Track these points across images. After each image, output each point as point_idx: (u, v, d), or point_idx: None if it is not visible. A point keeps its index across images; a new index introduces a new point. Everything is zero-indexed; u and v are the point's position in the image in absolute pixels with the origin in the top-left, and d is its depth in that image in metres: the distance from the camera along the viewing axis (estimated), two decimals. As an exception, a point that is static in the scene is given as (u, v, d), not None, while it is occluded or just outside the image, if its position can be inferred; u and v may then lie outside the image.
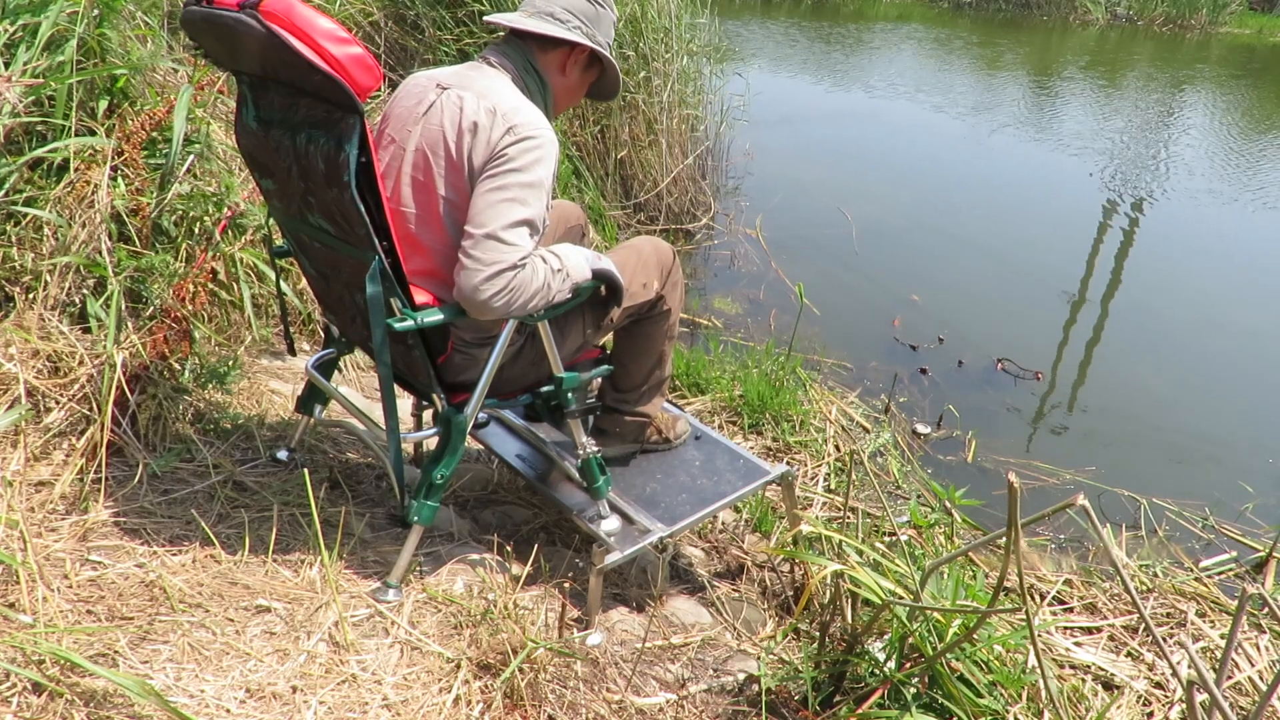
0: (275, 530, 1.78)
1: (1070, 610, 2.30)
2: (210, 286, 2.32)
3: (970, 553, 2.40)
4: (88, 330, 2.04)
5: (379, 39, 4.59)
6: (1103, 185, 6.29)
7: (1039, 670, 1.42)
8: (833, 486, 2.76)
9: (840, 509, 2.59)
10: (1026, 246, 5.19)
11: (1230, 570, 2.59)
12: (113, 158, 2.18)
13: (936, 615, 1.56)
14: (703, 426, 2.30)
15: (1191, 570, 2.56)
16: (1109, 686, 2.00)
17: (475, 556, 1.88)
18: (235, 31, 1.42)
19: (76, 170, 2.14)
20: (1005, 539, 1.18)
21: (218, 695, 1.37)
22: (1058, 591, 2.36)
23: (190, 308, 2.13)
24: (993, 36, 12.72)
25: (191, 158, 2.39)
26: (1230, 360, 4.04)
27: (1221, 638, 2.22)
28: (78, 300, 2.08)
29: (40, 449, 1.79)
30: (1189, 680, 1.18)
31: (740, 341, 3.73)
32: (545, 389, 1.87)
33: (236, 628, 1.52)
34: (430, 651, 1.56)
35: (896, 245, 5.06)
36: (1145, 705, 1.95)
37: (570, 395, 1.85)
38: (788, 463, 2.80)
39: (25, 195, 2.08)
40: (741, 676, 1.81)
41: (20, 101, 2.04)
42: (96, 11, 2.31)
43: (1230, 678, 2.06)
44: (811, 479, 2.79)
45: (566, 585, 1.91)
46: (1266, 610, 2.29)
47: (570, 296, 1.71)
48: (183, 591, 1.57)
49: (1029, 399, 3.55)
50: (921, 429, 3.24)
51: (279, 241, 1.97)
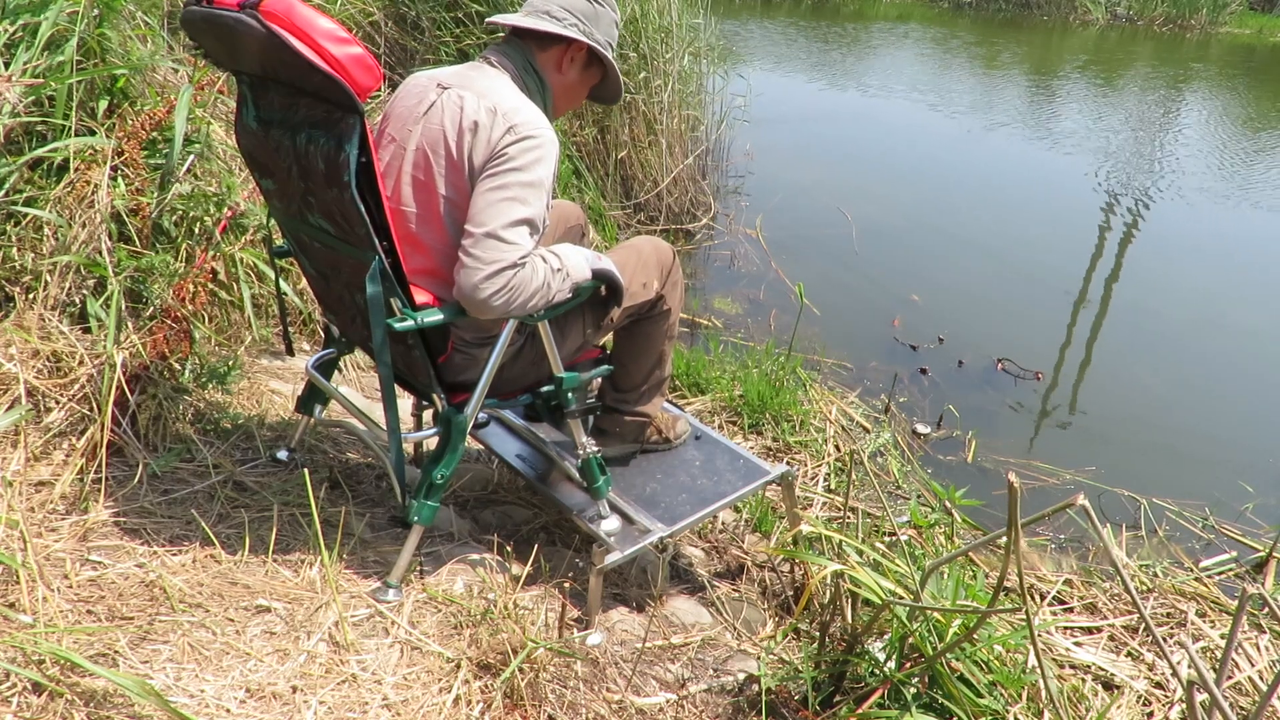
0: (275, 530, 1.78)
1: (1070, 610, 2.30)
2: (210, 286, 2.32)
3: (970, 553, 2.40)
4: (88, 330, 2.04)
5: (379, 39, 4.59)
6: (1103, 185, 6.29)
7: (1039, 670, 1.42)
8: (833, 486, 2.76)
9: (840, 509, 2.59)
10: (1026, 246, 5.19)
11: (1230, 570, 2.59)
12: (113, 158, 2.18)
13: (936, 615, 1.56)
14: (703, 426, 2.30)
15: (1191, 570, 2.56)
16: (1109, 686, 2.00)
17: (475, 556, 1.88)
18: (235, 31, 1.42)
19: (76, 170, 2.14)
20: (1005, 539, 1.18)
21: (218, 695, 1.37)
22: (1058, 591, 2.36)
23: (190, 308, 2.13)
24: (993, 36, 12.73)
25: (191, 158, 2.39)
26: (1230, 360, 4.04)
27: (1221, 638, 2.22)
28: (78, 300, 2.07)
29: (40, 449, 1.79)
30: (1189, 680, 1.18)
31: (740, 341, 3.73)
32: (545, 389, 1.87)
33: (236, 628, 1.52)
34: (430, 651, 1.56)
35: (896, 245, 5.06)
36: (1145, 705, 1.95)
37: (570, 395, 1.85)
38: (788, 463, 2.80)
39: (25, 195, 2.08)
40: (741, 676, 1.81)
41: (20, 101, 2.04)
42: (96, 11, 2.31)
43: (1230, 678, 2.06)
44: (811, 479, 2.79)
45: (566, 585, 1.91)
46: (1266, 610, 2.29)
47: (570, 296, 1.71)
48: (183, 591, 1.57)
49: (1029, 399, 3.55)
50: (921, 429, 3.24)
51: (279, 241, 1.97)
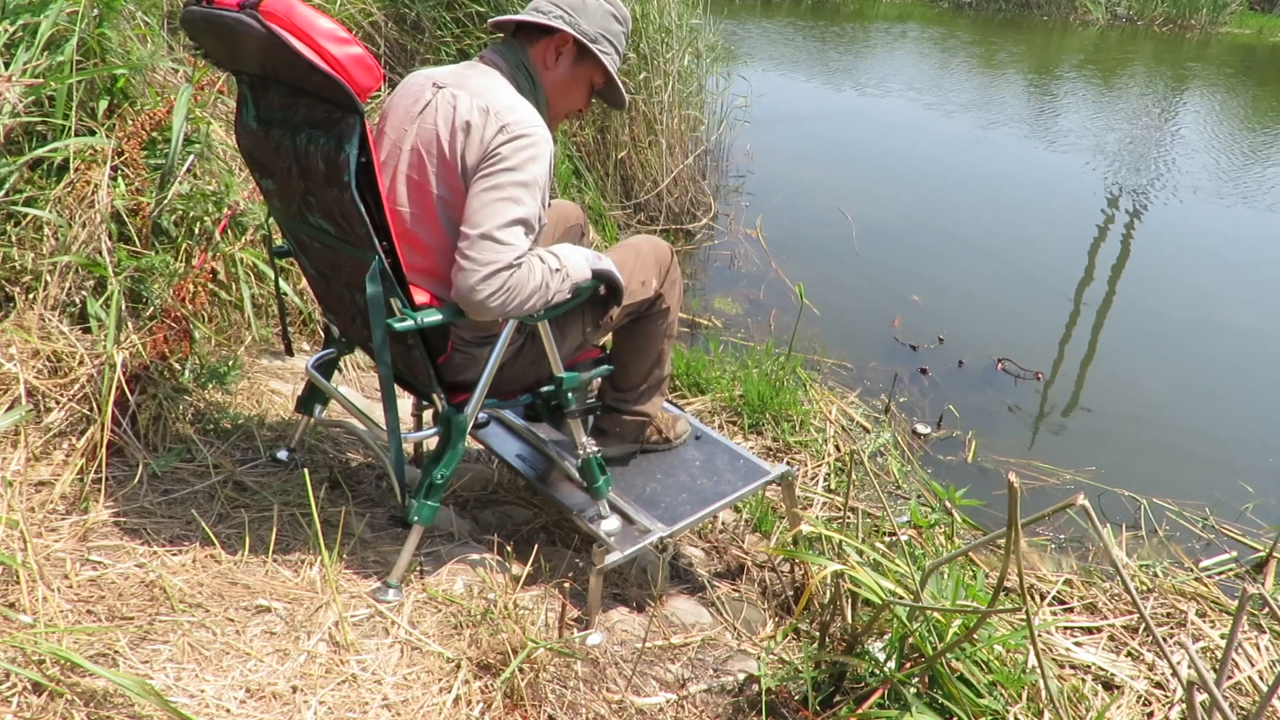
0: (275, 530, 1.78)
1: (1070, 610, 2.30)
2: (210, 286, 2.32)
3: (970, 553, 2.40)
4: (88, 330, 2.04)
5: (379, 39, 4.59)
6: (1103, 185, 6.29)
7: (1039, 670, 1.42)
8: (833, 486, 2.76)
9: (840, 509, 2.59)
10: (1026, 246, 5.19)
11: (1230, 570, 2.59)
12: (113, 158, 2.18)
13: (936, 615, 1.56)
14: (703, 426, 2.30)
15: (1191, 570, 2.56)
16: (1109, 686, 2.00)
17: (475, 556, 1.88)
18: (235, 31, 1.42)
19: (76, 170, 2.14)
20: (1005, 539, 1.18)
21: (218, 695, 1.37)
22: (1058, 591, 2.36)
23: (190, 308, 2.13)
24: (993, 36, 12.72)
25: (191, 158, 2.39)
26: (1230, 360, 4.04)
27: (1221, 638, 2.22)
28: (78, 300, 2.07)
29: (40, 449, 1.79)
30: (1189, 680, 1.18)
31: (740, 341, 3.73)
32: (545, 389, 1.87)
33: (236, 628, 1.52)
34: (430, 651, 1.56)
35: (896, 245, 5.06)
36: (1145, 705, 1.95)
37: (570, 395, 1.85)
38: (788, 463, 2.80)
39: (25, 195, 2.08)
40: (741, 676, 1.81)
41: (20, 101, 2.04)
42: (96, 11, 2.31)
43: (1230, 678, 2.06)
44: (811, 479, 2.78)
45: (566, 585, 1.91)
46: (1266, 610, 2.29)
47: (570, 296, 1.71)
48: (183, 591, 1.57)
49: (1029, 399, 3.55)
50: (921, 429, 3.24)
51: (279, 241, 1.97)
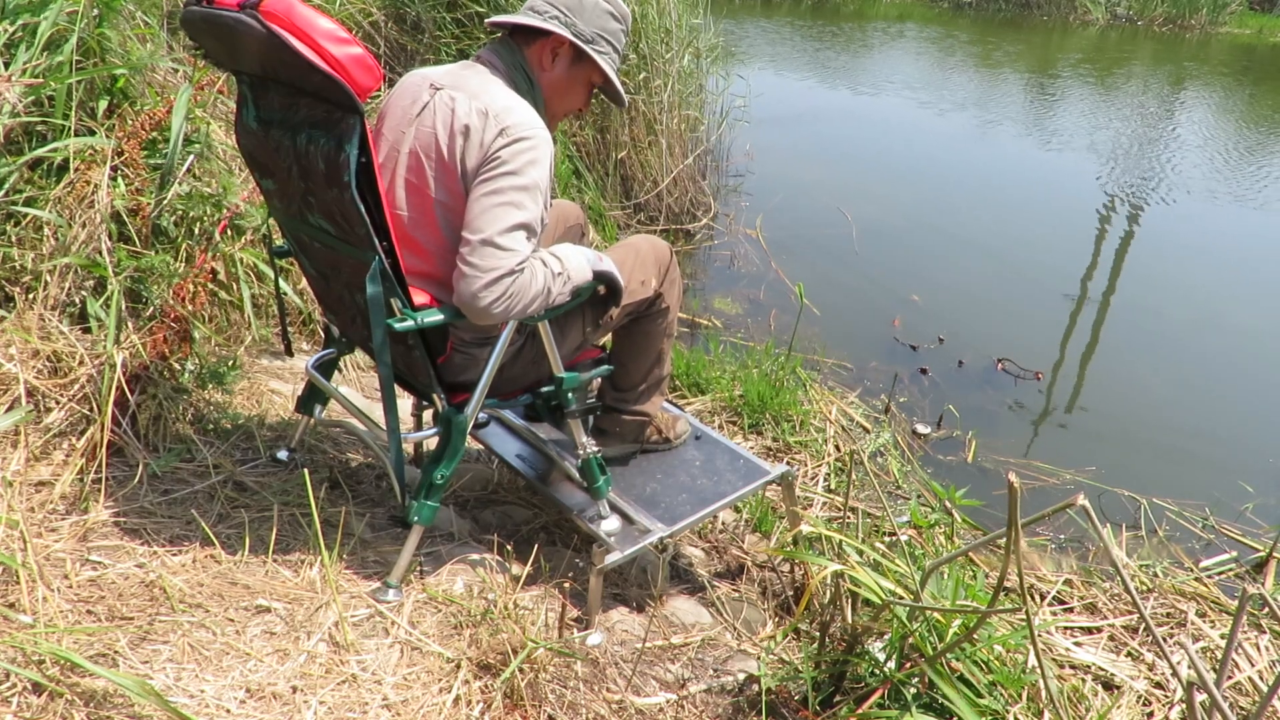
0: (275, 530, 1.78)
1: (1070, 610, 2.30)
2: (210, 286, 2.32)
3: (970, 553, 2.40)
4: (88, 330, 2.04)
5: (379, 39, 4.59)
6: (1102, 185, 6.29)
7: (1039, 670, 1.42)
8: (833, 486, 2.76)
9: (840, 509, 2.59)
10: (1026, 246, 5.19)
11: (1230, 570, 2.59)
12: (113, 158, 2.18)
13: (936, 615, 1.56)
14: (703, 426, 2.30)
15: (1191, 570, 2.56)
16: (1109, 686, 1.99)
17: (475, 556, 1.88)
18: (235, 31, 1.42)
19: (76, 170, 2.14)
20: (1005, 539, 1.18)
21: (218, 695, 1.37)
22: (1058, 591, 2.36)
23: (190, 308, 2.13)
24: (992, 36, 12.72)
25: (191, 158, 2.39)
26: (1230, 360, 4.04)
27: (1221, 638, 2.22)
28: (78, 300, 2.07)
29: (40, 449, 1.79)
30: (1189, 680, 1.18)
31: (740, 341, 3.73)
32: (545, 389, 1.87)
33: (236, 628, 1.52)
34: (430, 651, 1.56)
35: (896, 245, 5.06)
36: (1145, 705, 1.95)
37: (570, 395, 1.85)
38: (788, 463, 2.80)
39: (25, 195, 2.08)
40: (741, 676, 1.81)
41: (20, 101, 2.04)
42: (96, 11, 2.31)
43: (1230, 678, 2.06)
44: (811, 479, 2.78)
45: (566, 585, 1.90)
46: (1266, 610, 2.29)
47: (570, 298, 1.71)
48: (183, 591, 1.57)
49: (1029, 399, 3.55)
50: (921, 429, 3.24)
51: (279, 241, 1.97)
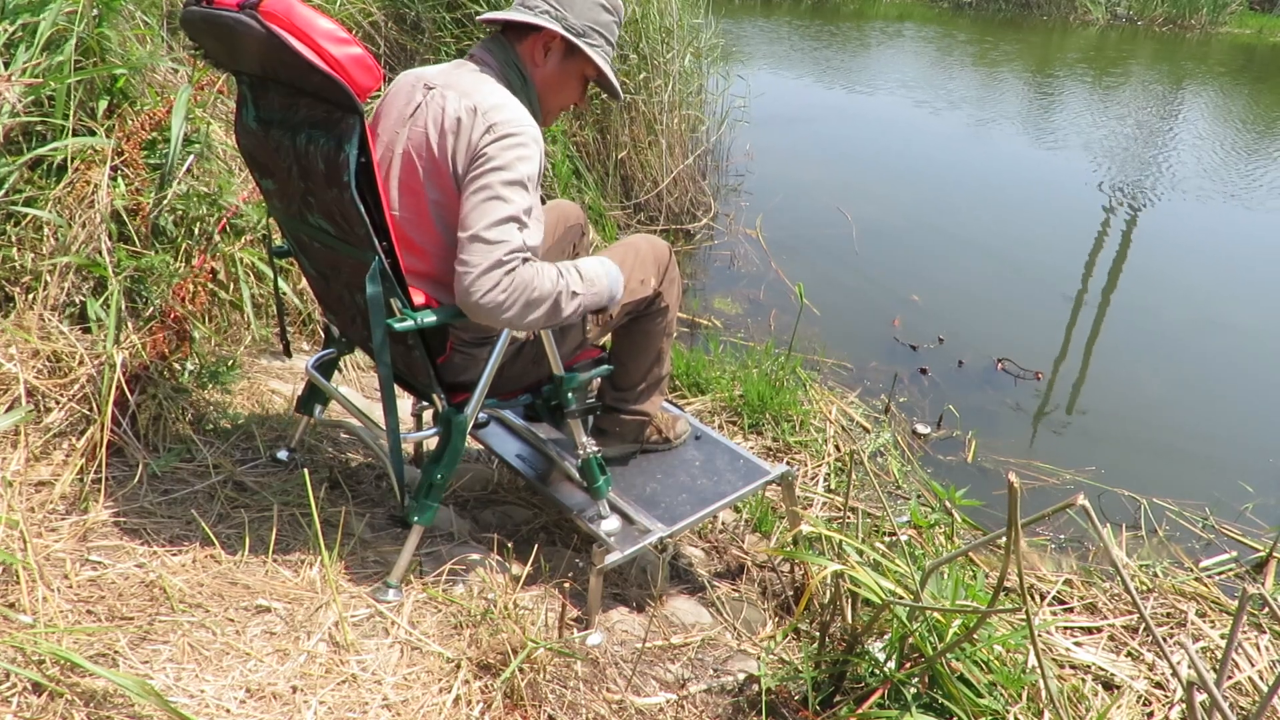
0: (275, 530, 1.78)
1: (1070, 610, 2.30)
2: (210, 286, 2.32)
3: (970, 553, 2.40)
4: (88, 330, 2.04)
5: (379, 39, 4.59)
6: (1102, 185, 6.29)
7: (1039, 670, 1.42)
8: (833, 486, 2.76)
9: (840, 509, 2.59)
10: (1026, 246, 5.19)
11: (1230, 570, 2.59)
12: (112, 158, 2.18)
13: (936, 615, 1.56)
14: (703, 426, 2.30)
15: (1191, 570, 2.56)
16: (1109, 686, 1.99)
17: (475, 556, 1.88)
18: (235, 32, 1.42)
19: (76, 170, 2.14)
20: (1005, 539, 1.18)
21: (218, 695, 1.37)
22: (1058, 591, 2.36)
23: (190, 308, 2.13)
24: (992, 36, 12.72)
25: (191, 158, 2.39)
26: (1230, 360, 4.04)
27: (1221, 638, 2.22)
28: (78, 300, 2.07)
29: (40, 449, 1.79)
30: (1189, 680, 1.18)
31: (740, 341, 3.73)
32: (545, 389, 1.87)
33: (236, 628, 1.52)
34: (430, 651, 1.56)
35: (896, 245, 5.06)
36: (1145, 705, 1.95)
37: (570, 395, 1.85)
38: (788, 463, 2.79)
39: (25, 195, 2.08)
40: (741, 676, 1.81)
41: (20, 101, 2.04)
42: (96, 11, 2.31)
43: (1230, 678, 2.06)
44: (811, 479, 2.78)
45: (566, 585, 1.91)
46: (1266, 610, 2.29)
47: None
48: (183, 591, 1.57)
49: (1029, 399, 3.55)
50: (921, 429, 3.24)
51: (278, 241, 1.97)
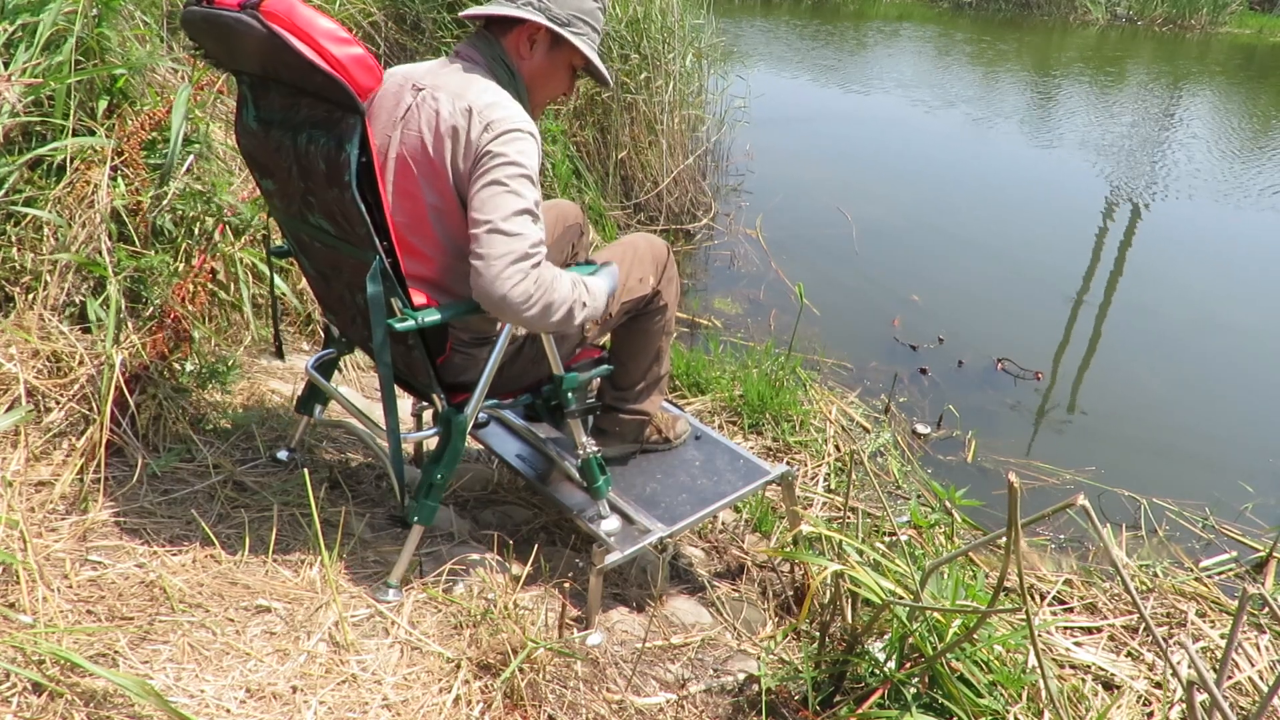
0: (275, 530, 1.78)
1: (1070, 610, 2.30)
2: (210, 287, 2.32)
3: (970, 553, 2.40)
4: (88, 330, 2.04)
5: (379, 39, 4.59)
6: (1103, 185, 6.29)
7: (1039, 670, 1.42)
8: (833, 486, 2.76)
9: (840, 509, 2.59)
10: (1026, 246, 5.19)
11: (1230, 570, 2.59)
12: (112, 158, 2.18)
13: (936, 615, 1.56)
14: (703, 426, 2.30)
15: (1191, 570, 2.56)
16: (1109, 686, 1.99)
17: (475, 556, 1.88)
18: (235, 31, 1.42)
19: (76, 170, 2.14)
20: (1005, 539, 1.18)
21: (218, 695, 1.37)
22: (1058, 591, 2.36)
23: (190, 308, 2.13)
24: (992, 36, 12.72)
25: (191, 158, 2.39)
26: (1230, 360, 4.04)
27: (1221, 638, 2.22)
28: (78, 300, 2.07)
29: (40, 449, 1.79)
30: (1189, 680, 1.18)
31: (740, 341, 3.73)
32: (545, 389, 1.87)
33: (236, 628, 1.52)
34: (430, 651, 1.56)
35: (896, 245, 5.06)
36: (1145, 705, 1.95)
37: (570, 395, 1.85)
38: (788, 463, 2.79)
39: (25, 195, 2.08)
40: (741, 676, 1.81)
41: (20, 101, 2.04)
42: (95, 11, 2.31)
43: (1230, 678, 2.06)
44: (811, 479, 2.78)
45: (566, 585, 1.90)
46: (1266, 610, 2.29)
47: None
48: (183, 591, 1.57)
49: (1029, 399, 3.55)
50: (921, 429, 3.24)
51: (279, 241, 1.97)
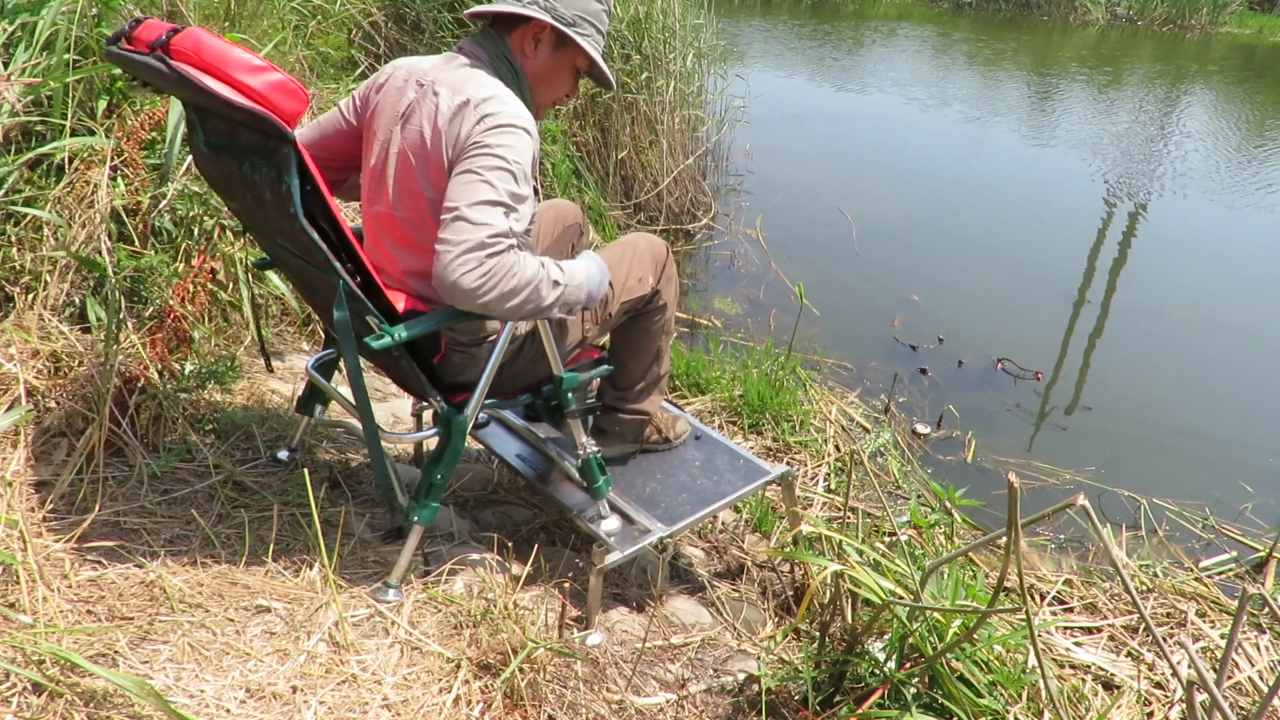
0: (275, 530, 1.78)
1: (1070, 610, 2.30)
2: (210, 287, 2.32)
3: (970, 553, 2.40)
4: (88, 330, 2.04)
5: (379, 39, 4.58)
6: (1102, 185, 6.29)
7: (1039, 670, 1.42)
8: (833, 486, 2.76)
9: (840, 509, 2.59)
10: (1026, 246, 5.19)
11: (1230, 570, 2.59)
12: (112, 157, 2.18)
13: (936, 615, 1.56)
14: (703, 426, 2.30)
15: (1191, 570, 2.56)
16: (1109, 686, 1.99)
17: (475, 556, 1.88)
18: (152, 72, 1.37)
19: (76, 170, 2.14)
20: (1005, 539, 1.18)
21: (218, 695, 1.37)
22: (1058, 591, 2.36)
23: (190, 308, 2.13)
24: (992, 36, 12.72)
25: (190, 158, 2.39)
26: (1230, 360, 4.04)
27: (1221, 638, 2.22)
28: (78, 300, 2.07)
29: (40, 449, 1.79)
30: (1189, 680, 1.18)
31: (740, 341, 3.73)
32: (545, 389, 1.87)
33: (236, 628, 1.52)
34: (430, 651, 1.56)
35: (896, 245, 5.06)
36: (1145, 705, 1.95)
37: (570, 395, 1.84)
38: (788, 463, 2.79)
39: (25, 195, 2.08)
40: (741, 676, 1.81)
41: (19, 101, 2.04)
42: (95, 10, 2.31)
43: (1230, 678, 2.06)
44: (811, 479, 2.78)
45: (566, 585, 1.90)
46: (1266, 610, 2.29)
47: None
48: (183, 591, 1.57)
49: (1029, 399, 3.55)
50: (921, 429, 3.24)
51: (260, 253, 1.96)
